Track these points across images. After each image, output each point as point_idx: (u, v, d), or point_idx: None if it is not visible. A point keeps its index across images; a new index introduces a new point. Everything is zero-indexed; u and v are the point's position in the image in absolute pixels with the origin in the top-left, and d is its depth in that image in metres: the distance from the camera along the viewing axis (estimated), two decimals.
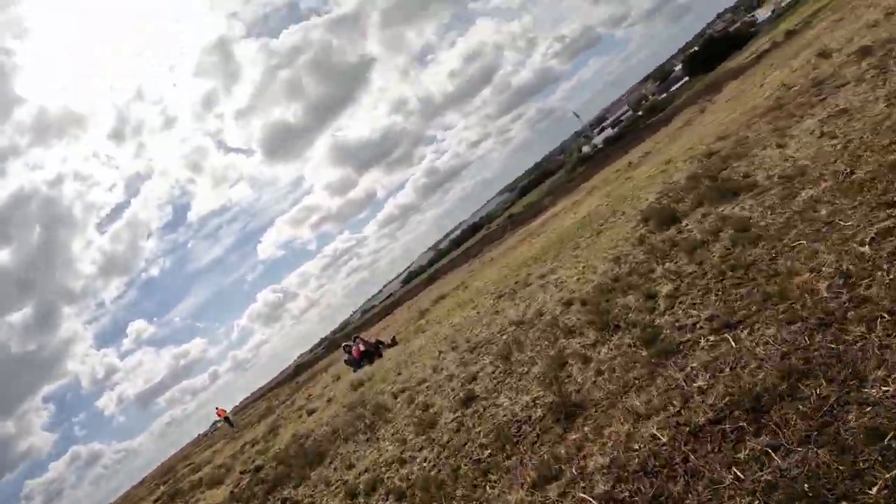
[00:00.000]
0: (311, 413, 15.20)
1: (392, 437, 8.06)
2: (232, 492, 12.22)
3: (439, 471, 6.12)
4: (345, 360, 18.51)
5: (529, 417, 6.02)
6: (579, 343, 7.02)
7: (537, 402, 6.24)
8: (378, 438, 8.46)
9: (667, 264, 7.39)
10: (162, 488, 25.75)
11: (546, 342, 7.67)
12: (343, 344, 18.97)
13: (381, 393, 11.23)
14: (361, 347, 17.09)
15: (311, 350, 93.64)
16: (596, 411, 5.38)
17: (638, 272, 7.80)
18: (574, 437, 5.12)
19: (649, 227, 9.36)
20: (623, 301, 7.24)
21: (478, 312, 12.67)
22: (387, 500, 6.39)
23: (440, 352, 11.21)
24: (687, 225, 8.28)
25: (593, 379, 6.01)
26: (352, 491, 7.15)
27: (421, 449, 7.02)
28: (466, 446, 6.24)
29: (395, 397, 10.02)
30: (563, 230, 16.51)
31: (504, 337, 9.12)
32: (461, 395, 7.70)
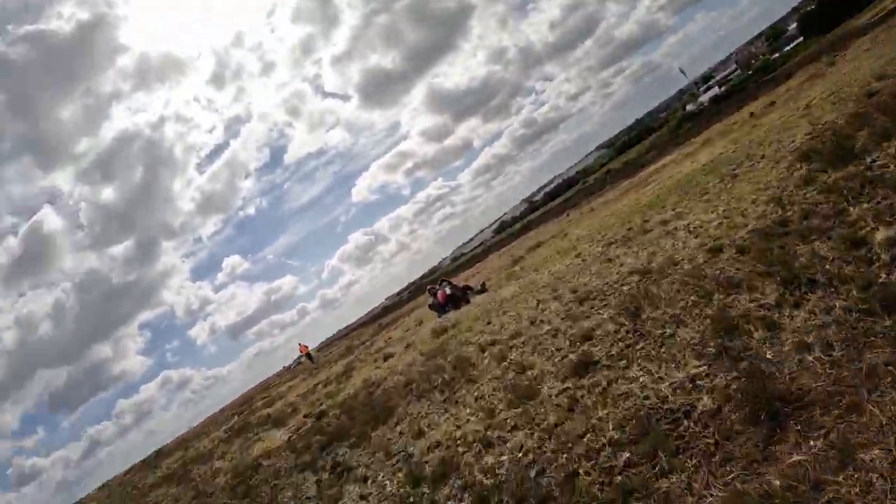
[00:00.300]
0: (387, 358, 13.69)
1: (475, 404, 6.15)
2: (290, 438, 10.92)
3: (542, 470, 4.11)
4: (429, 305, 16.87)
5: (692, 407, 3.85)
6: (753, 301, 4.78)
7: (700, 383, 4.06)
8: (457, 401, 6.61)
9: (864, 204, 5.33)
10: (236, 419, 25.77)
11: (692, 297, 5.48)
12: (428, 287, 17.23)
13: (466, 343, 9.38)
14: (448, 291, 15.32)
15: (398, 293, 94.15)
16: (822, 413, 3.20)
17: (820, 214, 5.76)
18: (791, 454, 2.97)
19: (814, 166, 7.28)
20: (807, 249, 5.16)
21: (583, 260, 10.48)
22: (461, 499, 4.46)
23: (539, 301, 9.15)
24: (875, 161, 6.22)
25: (797, 356, 3.80)
26: (415, 473, 5.34)
27: (514, 429, 5.10)
28: (587, 438, 4.17)
29: (483, 351, 8.08)
30: (680, 178, 13.90)
31: (625, 288, 6.92)
32: (572, 357, 5.64)
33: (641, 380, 4.54)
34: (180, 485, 14.31)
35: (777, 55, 60.14)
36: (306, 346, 40.72)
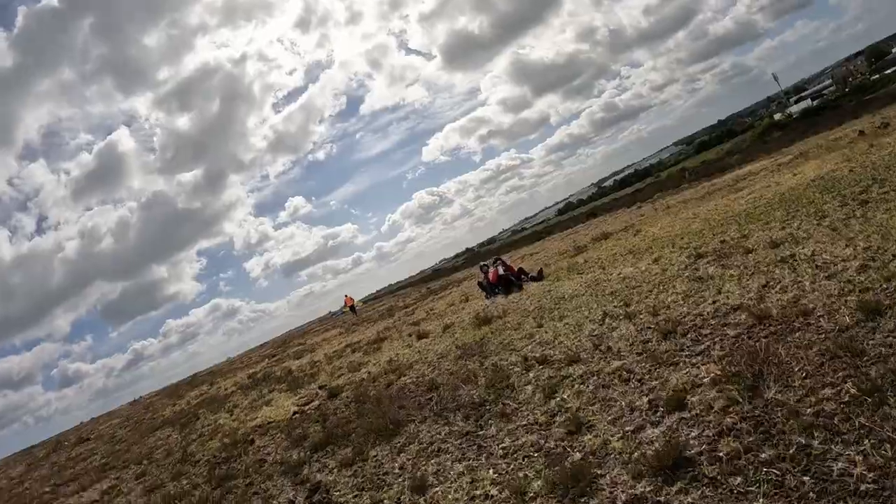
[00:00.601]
0: (420, 337, 12.12)
1: (502, 463, 4.34)
2: (293, 415, 9.51)
3: None
4: (478, 283, 15.16)
5: None
6: None
7: None
8: (480, 446, 4.81)
9: None
10: (265, 362, 25.12)
11: (849, 386, 3.47)
12: (481, 264, 15.49)
13: (509, 349, 7.62)
14: (500, 271, 13.54)
15: (454, 256, 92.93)
16: None
17: None
18: None
19: None
20: None
21: (663, 270, 8.55)
22: None
23: (606, 314, 7.26)
24: None
25: None
26: None
27: None
28: None
29: (527, 369, 6.27)
30: (782, 190, 11.65)
31: (731, 332, 4.96)
32: (654, 440, 3.74)
33: None
34: (182, 432, 13.35)
35: (877, 76, 57.28)
36: (352, 299, 40.84)
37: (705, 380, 4.17)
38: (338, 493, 5.21)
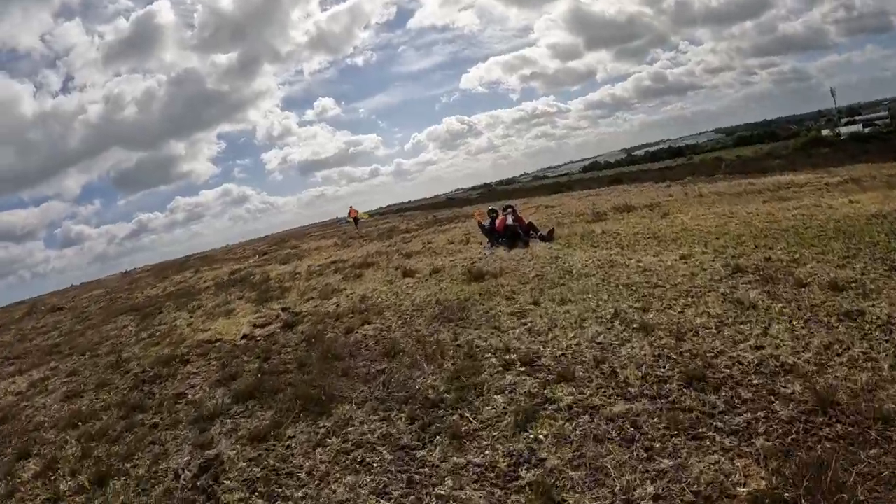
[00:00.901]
0: (405, 275, 10.87)
1: (465, 480, 3.09)
2: (241, 339, 8.41)
3: None
4: (479, 224, 13.74)
5: None
6: None
7: None
8: (415, 472, 3.59)
9: None
10: (255, 258, 24.17)
11: None
12: (490, 208, 13.95)
13: (491, 325, 6.36)
14: (509, 221, 12.08)
15: (471, 188, 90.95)
16: None
17: None
18: None
19: None
20: None
21: (692, 273, 7.10)
22: None
23: (617, 313, 5.91)
24: None
25: None
26: None
27: None
28: None
29: (504, 369, 4.97)
30: (837, 217, 9.81)
31: (783, 412, 3.65)
32: None
33: None
34: (139, 325, 12.42)
35: None
36: (356, 211, 39.36)
37: (741, 488, 2.83)
38: (227, 482, 4.04)
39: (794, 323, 4.95)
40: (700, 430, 3.41)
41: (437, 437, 3.94)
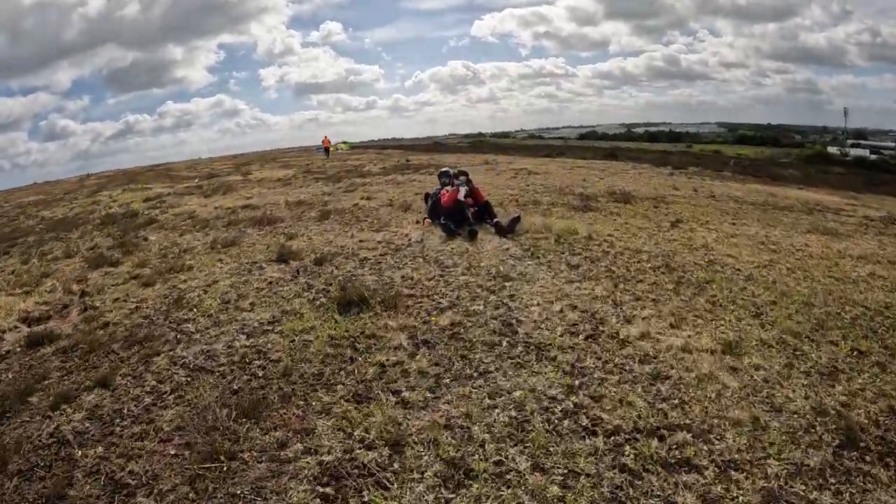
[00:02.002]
0: (278, 260, 7.24)
1: None
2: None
3: None
4: (425, 195, 9.80)
5: None
6: None
7: None
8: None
9: None
10: (194, 181, 20.17)
11: None
12: (442, 170, 9.87)
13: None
14: (460, 195, 8.21)
15: (464, 135, 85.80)
16: None
17: None
18: None
19: None
20: None
21: (713, 316, 4.09)
22: None
23: (593, 424, 2.34)
24: None
25: None
26: None
27: None
28: None
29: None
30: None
31: None
32: None
33: None
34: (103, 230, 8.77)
35: None
36: (329, 141, 37.43)
37: None
38: None
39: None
40: None
41: None
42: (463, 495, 2.62)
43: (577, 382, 3.58)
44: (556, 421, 3.19)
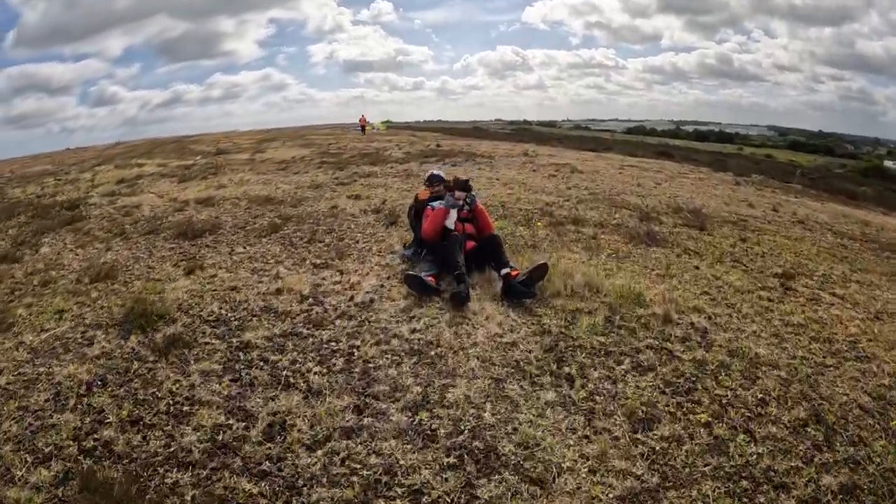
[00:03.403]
0: (232, 271, 4.21)
1: None
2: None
3: None
4: (409, 210, 6.18)
5: None
6: None
7: None
8: None
9: None
10: (198, 157, 17.38)
11: None
12: (432, 173, 6.28)
13: None
14: (450, 220, 4.81)
15: (509, 122, 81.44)
16: None
17: None
18: None
19: None
20: None
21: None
22: None
23: None
24: None
25: None
26: None
27: None
28: None
29: None
30: None
31: None
32: None
33: None
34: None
35: None
36: (366, 120, 34.84)
37: None
38: None
39: None
40: None
41: None
42: None
43: None
44: None
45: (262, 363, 3.34)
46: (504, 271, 4.22)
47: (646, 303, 4.18)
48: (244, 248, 5.83)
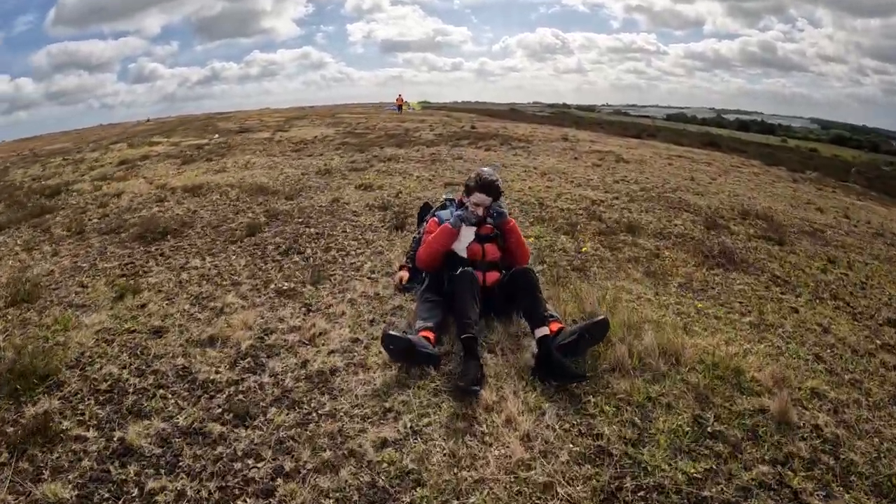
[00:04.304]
0: (167, 300, 2.91)
1: None
2: None
3: None
4: (419, 214, 4.62)
5: None
6: None
7: None
8: None
9: None
10: (260, 133, 16.18)
11: None
12: (446, 197, 4.71)
13: None
14: (458, 244, 3.22)
15: (549, 105, 78.46)
16: None
17: None
18: None
19: None
20: None
21: None
22: None
23: None
24: None
25: None
26: None
27: None
28: None
29: None
30: None
31: None
32: None
33: None
34: None
35: None
36: (402, 99, 34.47)
37: None
38: None
39: None
40: None
41: None
42: None
43: None
44: None
45: (132, 495, 1.97)
46: (541, 332, 2.71)
47: (748, 385, 2.65)
48: (203, 259, 4.46)
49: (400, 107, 32.14)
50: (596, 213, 6.39)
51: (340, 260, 4.32)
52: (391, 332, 2.61)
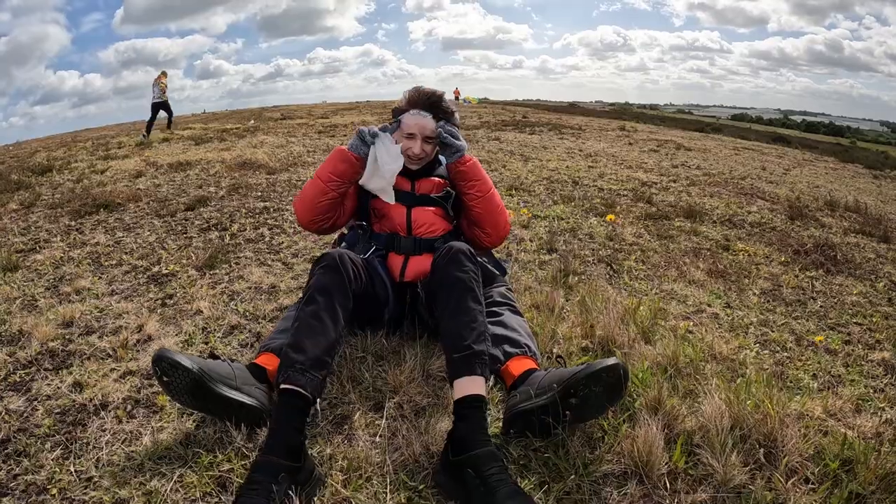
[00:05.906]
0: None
1: None
2: None
3: None
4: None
5: None
6: None
7: None
8: None
9: None
10: (296, 119, 15.52)
11: None
12: (394, 117, 3.20)
13: None
14: (375, 175, 1.79)
15: (610, 103, 75.58)
16: None
17: None
18: None
19: None
20: None
21: None
22: None
23: None
24: None
25: None
26: None
27: None
28: None
29: None
30: None
31: None
32: None
33: None
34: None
35: None
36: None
37: None
38: None
39: None
40: None
41: None
42: None
43: None
44: None
45: None
46: (462, 389, 1.32)
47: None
48: (112, 235, 3.45)
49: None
50: (645, 195, 4.98)
51: (267, 238, 3.20)
52: (168, 353, 1.32)
